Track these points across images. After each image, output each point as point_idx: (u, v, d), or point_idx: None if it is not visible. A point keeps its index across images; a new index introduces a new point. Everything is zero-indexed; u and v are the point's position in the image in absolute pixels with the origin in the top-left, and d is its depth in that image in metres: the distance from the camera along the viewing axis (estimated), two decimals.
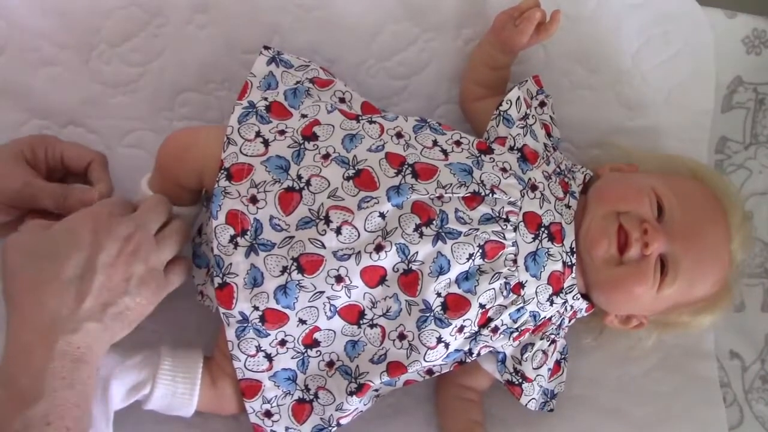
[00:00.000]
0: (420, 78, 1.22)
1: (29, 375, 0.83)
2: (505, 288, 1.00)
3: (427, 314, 0.98)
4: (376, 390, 1.07)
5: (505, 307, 1.01)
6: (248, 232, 0.97)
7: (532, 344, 1.08)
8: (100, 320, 0.88)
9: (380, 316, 1.00)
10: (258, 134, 1.01)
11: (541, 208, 1.02)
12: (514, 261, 1.00)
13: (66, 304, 0.86)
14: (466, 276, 0.99)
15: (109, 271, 0.89)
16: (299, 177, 0.98)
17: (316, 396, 1.06)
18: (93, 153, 1.08)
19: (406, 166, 0.99)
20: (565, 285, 1.04)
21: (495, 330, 1.03)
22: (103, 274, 0.88)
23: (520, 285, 1.01)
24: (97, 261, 0.88)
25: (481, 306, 1.00)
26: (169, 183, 1.03)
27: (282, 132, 1.02)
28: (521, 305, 1.02)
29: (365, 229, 0.96)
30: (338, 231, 0.95)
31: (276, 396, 1.05)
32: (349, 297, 0.98)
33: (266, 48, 1.10)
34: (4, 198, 1.01)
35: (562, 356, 1.13)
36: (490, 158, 1.04)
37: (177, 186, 1.03)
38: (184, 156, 1.02)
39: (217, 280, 0.98)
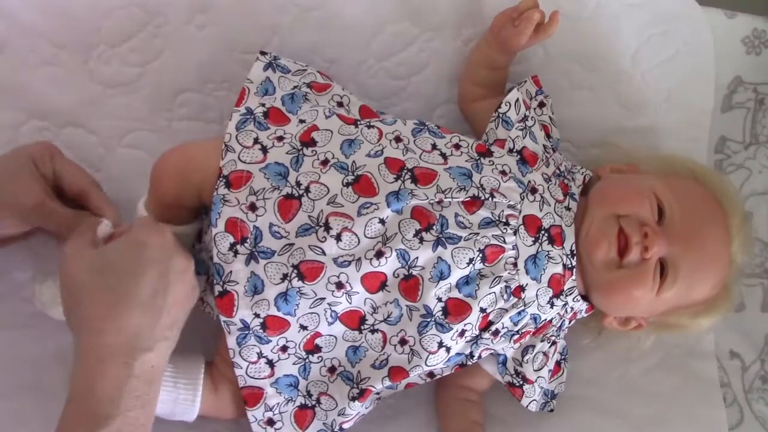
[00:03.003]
0: (419, 78, 1.22)
1: (104, 394, 0.82)
2: (506, 291, 1.00)
3: (428, 319, 0.99)
4: (378, 393, 1.07)
5: (506, 310, 1.01)
6: (248, 240, 0.96)
7: (533, 346, 1.08)
8: (168, 337, 0.89)
9: (381, 321, 1.00)
10: (256, 141, 1.01)
11: (540, 210, 1.02)
12: (515, 264, 1.00)
13: (146, 323, 0.86)
14: (466, 280, 0.99)
15: (179, 284, 0.89)
16: (298, 184, 0.97)
17: (318, 402, 1.06)
18: (89, 178, 1.06)
19: (405, 171, 0.99)
20: (566, 287, 1.04)
21: (496, 333, 1.03)
22: (176, 287, 0.89)
23: (521, 288, 1.01)
24: (169, 276, 0.88)
25: (482, 310, 1.00)
26: (168, 205, 1.01)
27: (280, 138, 1.01)
28: (522, 308, 1.02)
29: (365, 236, 0.96)
30: (338, 238, 0.95)
31: (278, 403, 1.05)
32: (350, 303, 0.98)
33: (263, 53, 1.10)
34: (18, 213, 1.00)
35: (562, 357, 1.14)
36: (490, 161, 1.03)
37: (177, 206, 1.01)
38: (181, 179, 1.00)
39: (218, 288, 0.97)
